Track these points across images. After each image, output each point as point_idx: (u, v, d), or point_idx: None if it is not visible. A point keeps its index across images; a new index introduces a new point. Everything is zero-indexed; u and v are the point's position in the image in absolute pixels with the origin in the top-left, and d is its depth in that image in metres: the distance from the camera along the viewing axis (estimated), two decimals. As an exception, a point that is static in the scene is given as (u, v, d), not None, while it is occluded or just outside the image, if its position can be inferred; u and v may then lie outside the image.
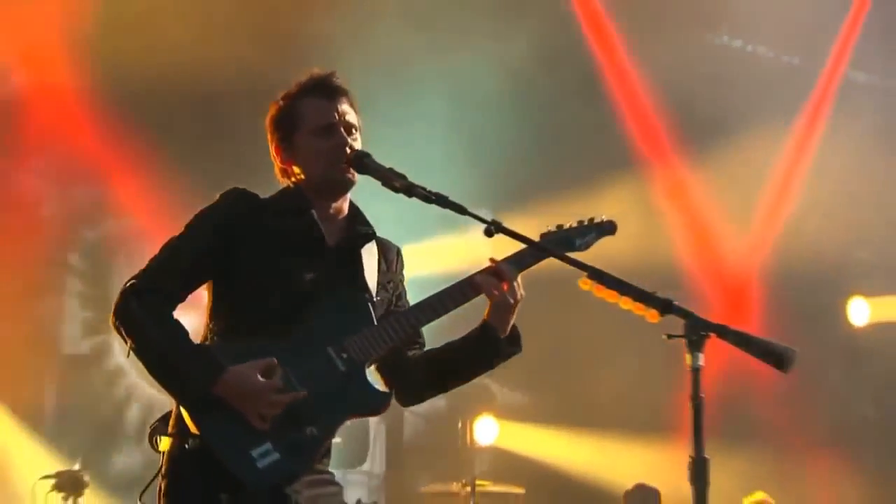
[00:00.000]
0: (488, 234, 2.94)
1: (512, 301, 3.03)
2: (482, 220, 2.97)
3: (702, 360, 2.71)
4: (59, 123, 7.83)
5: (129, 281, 3.03)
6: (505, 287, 3.01)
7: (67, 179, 8.39)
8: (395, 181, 3.01)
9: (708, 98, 9.06)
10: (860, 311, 9.72)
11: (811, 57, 10.08)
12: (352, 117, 3.20)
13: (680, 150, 9.95)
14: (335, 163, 3.08)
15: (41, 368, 8.62)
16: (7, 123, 7.87)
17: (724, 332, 2.63)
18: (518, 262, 3.10)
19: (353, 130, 3.17)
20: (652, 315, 2.78)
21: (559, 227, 3.28)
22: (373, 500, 7.87)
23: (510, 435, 9.74)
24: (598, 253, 3.39)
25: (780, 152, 10.03)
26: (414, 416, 10.34)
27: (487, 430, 9.38)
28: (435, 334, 3.52)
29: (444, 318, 3.23)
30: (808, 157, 9.76)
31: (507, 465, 9.62)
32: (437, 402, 9.88)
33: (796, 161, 9.80)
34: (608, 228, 3.40)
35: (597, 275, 2.87)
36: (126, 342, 3.00)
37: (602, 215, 3.45)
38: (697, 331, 2.69)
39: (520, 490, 8.83)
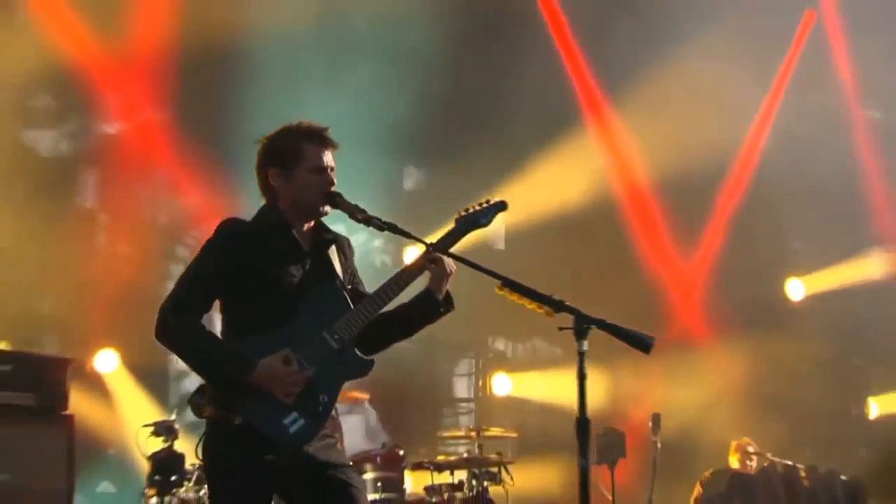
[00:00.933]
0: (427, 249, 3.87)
1: (445, 272, 3.79)
2: (421, 242, 3.81)
3: (585, 346, 3.37)
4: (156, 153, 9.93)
5: (163, 303, 3.67)
6: (437, 263, 3.77)
7: (173, 194, 10.33)
8: (357, 214, 3.73)
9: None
10: (796, 289, 11.66)
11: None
12: (331, 159, 3.91)
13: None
14: (320, 197, 3.74)
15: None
16: (129, 153, 9.93)
17: (601, 325, 3.30)
18: (443, 245, 3.83)
19: (333, 175, 3.87)
20: (548, 312, 3.45)
21: (467, 209, 3.96)
22: (395, 442, 8.53)
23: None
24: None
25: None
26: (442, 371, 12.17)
27: (502, 384, 11.26)
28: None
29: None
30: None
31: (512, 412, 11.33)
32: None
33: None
34: (502, 206, 4.05)
35: (508, 283, 3.57)
36: (170, 350, 3.71)
37: (495, 198, 4.11)
38: (582, 324, 3.34)
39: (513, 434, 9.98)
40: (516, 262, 10.31)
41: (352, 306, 3.70)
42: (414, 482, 8.41)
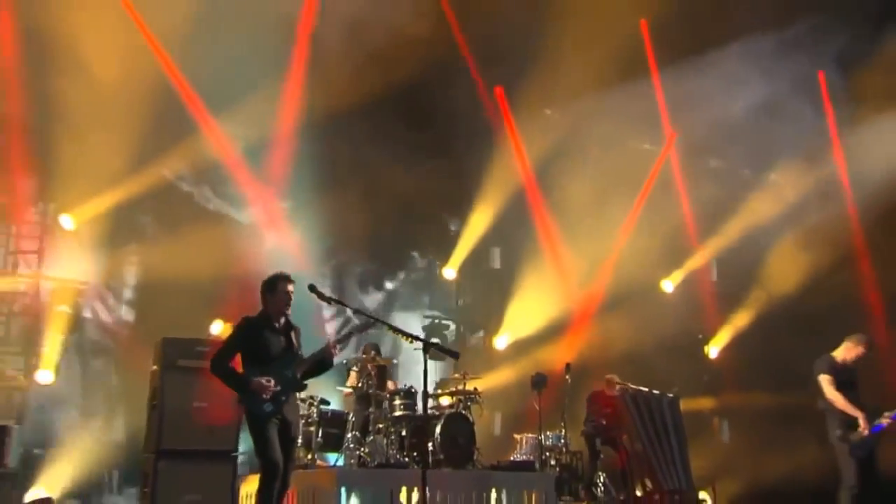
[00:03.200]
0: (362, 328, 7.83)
1: (336, 353, 7.40)
2: (373, 319, 7.85)
3: (427, 362, 7.28)
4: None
5: (214, 354, 7.20)
6: (335, 350, 7.36)
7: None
8: (328, 298, 7.55)
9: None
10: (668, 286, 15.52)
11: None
12: (292, 288, 7.25)
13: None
14: (285, 307, 7.23)
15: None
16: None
17: (435, 346, 7.50)
18: (339, 341, 7.52)
19: (292, 295, 7.23)
20: (417, 345, 7.37)
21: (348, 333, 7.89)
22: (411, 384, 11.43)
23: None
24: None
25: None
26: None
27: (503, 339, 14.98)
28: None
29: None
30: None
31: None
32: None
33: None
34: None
35: (393, 328, 7.79)
36: (218, 378, 7.16)
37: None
38: (425, 345, 7.33)
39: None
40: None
41: (299, 360, 7.28)
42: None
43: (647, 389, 12.24)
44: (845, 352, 9.36)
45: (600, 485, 11.70)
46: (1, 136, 11.97)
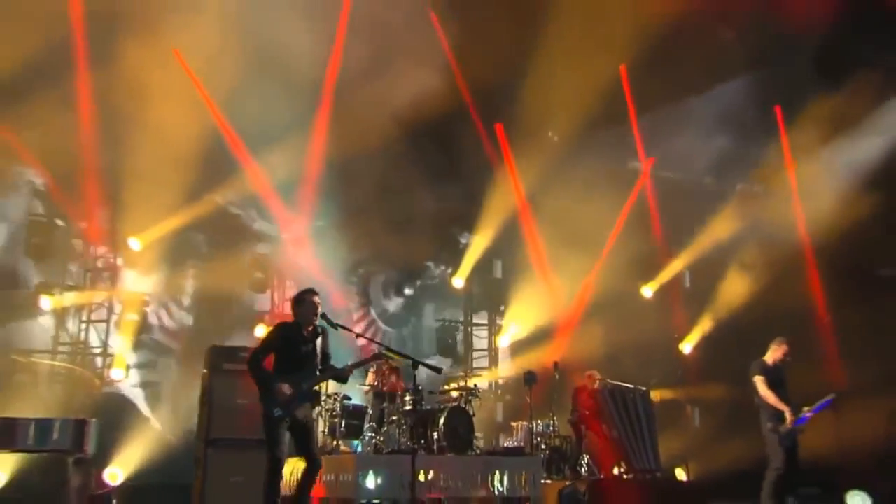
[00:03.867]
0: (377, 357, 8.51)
1: (351, 373, 7.68)
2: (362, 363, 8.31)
3: (418, 374, 8.12)
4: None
5: (252, 351, 7.35)
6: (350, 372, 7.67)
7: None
8: (335, 325, 7.37)
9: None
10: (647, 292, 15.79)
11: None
12: (318, 300, 7.33)
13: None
14: (313, 316, 7.30)
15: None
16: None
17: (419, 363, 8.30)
18: (355, 366, 7.87)
19: (318, 306, 7.28)
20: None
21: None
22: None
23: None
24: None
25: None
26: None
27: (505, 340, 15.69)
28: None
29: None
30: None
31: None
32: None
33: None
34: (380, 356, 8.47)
35: (389, 352, 8.62)
36: (251, 375, 7.18)
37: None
38: (413, 364, 7.90)
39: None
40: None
41: (317, 373, 7.44)
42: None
43: (622, 384, 12.77)
44: (772, 354, 9.61)
45: (584, 464, 12.08)
46: (80, 173, 12.42)
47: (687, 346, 15.98)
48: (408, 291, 16.40)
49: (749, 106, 14.68)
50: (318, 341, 7.46)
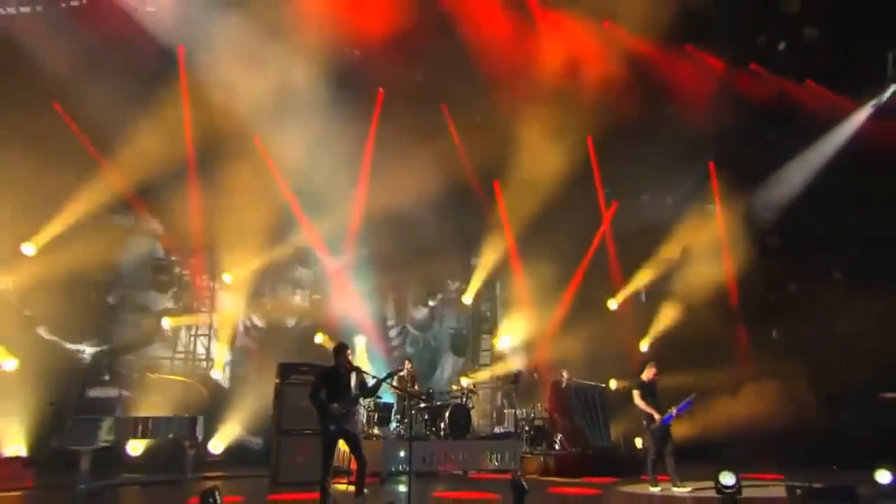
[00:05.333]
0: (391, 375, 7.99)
1: (379, 388, 7.78)
2: (383, 380, 7.64)
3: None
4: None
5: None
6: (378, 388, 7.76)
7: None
8: (359, 370, 7.60)
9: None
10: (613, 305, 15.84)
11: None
12: (349, 353, 7.62)
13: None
14: (346, 363, 7.53)
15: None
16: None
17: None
18: (381, 382, 7.61)
19: (350, 357, 7.59)
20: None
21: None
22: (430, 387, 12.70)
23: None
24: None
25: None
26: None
27: (504, 342, 15.73)
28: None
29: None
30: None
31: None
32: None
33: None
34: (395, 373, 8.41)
35: (388, 379, 8.00)
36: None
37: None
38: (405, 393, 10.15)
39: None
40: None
41: (352, 397, 7.62)
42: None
43: (585, 382, 13.26)
44: (646, 374, 10.28)
45: (557, 442, 12.71)
46: (189, 229, 13.21)
47: (644, 345, 15.86)
48: (431, 303, 16.88)
49: (689, 165, 15.17)
50: (354, 375, 7.81)
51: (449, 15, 12.35)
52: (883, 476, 9.05)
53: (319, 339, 14.15)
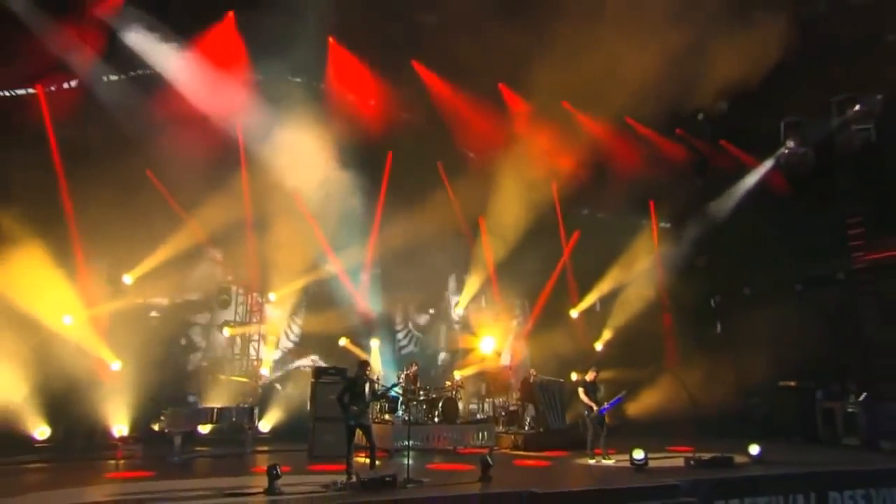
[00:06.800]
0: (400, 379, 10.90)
1: (387, 394, 10.38)
2: (388, 390, 10.02)
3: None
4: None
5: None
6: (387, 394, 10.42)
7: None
8: (373, 382, 8.91)
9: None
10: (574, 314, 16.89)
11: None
12: (368, 370, 8.76)
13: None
14: (364, 375, 8.74)
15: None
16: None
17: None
18: (389, 390, 10.13)
19: (367, 372, 8.77)
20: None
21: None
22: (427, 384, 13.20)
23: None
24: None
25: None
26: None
27: (488, 345, 15.81)
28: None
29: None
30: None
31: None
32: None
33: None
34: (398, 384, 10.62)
35: (391, 389, 10.51)
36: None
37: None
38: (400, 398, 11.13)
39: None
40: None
41: (366, 400, 8.57)
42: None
43: (549, 378, 14.14)
44: (589, 375, 11.12)
45: (527, 424, 13.73)
46: (244, 256, 14.46)
47: (599, 345, 16.89)
48: (431, 311, 17.56)
49: (633, 204, 16.60)
50: (367, 385, 9.04)
51: (442, 105, 13.87)
52: (754, 449, 10.67)
53: (343, 342, 15.33)
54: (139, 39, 11.75)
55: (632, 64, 11.41)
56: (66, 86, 11.59)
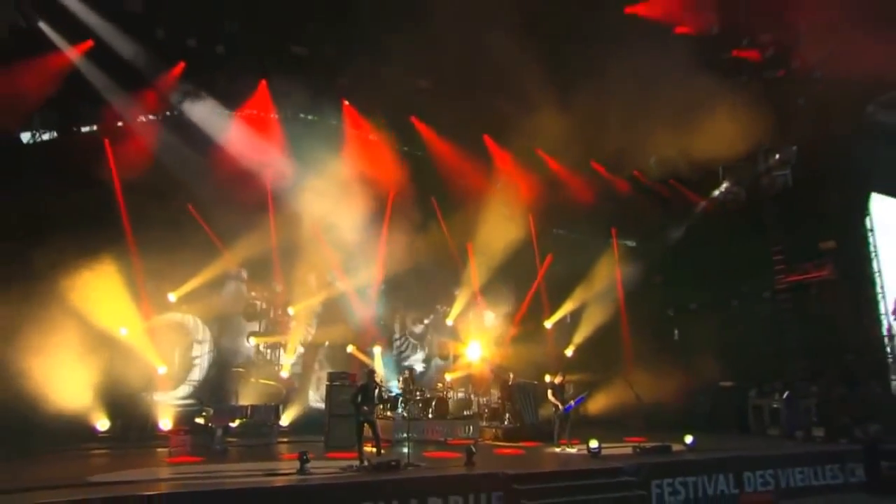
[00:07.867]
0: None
1: (391, 398, 11.36)
2: (392, 396, 11.44)
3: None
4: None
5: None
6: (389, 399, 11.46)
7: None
8: (379, 386, 9.43)
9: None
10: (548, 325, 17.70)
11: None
12: (376, 377, 9.60)
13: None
14: (372, 381, 9.40)
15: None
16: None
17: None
18: (390, 398, 11.36)
19: (374, 378, 9.39)
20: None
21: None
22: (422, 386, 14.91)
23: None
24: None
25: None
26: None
27: (474, 351, 16.53)
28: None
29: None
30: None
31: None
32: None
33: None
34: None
35: (392, 396, 11.56)
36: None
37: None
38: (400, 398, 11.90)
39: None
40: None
41: (373, 402, 9.25)
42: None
43: (525, 380, 14.69)
44: (557, 379, 11.76)
45: (507, 419, 14.32)
46: (268, 275, 15.14)
47: (569, 351, 17.56)
48: (426, 321, 17.96)
49: (597, 231, 17.72)
50: (376, 389, 9.80)
51: (436, 151, 15.08)
52: (688, 438, 11.59)
53: (350, 349, 16.18)
54: (189, 106, 13.11)
55: (596, 122, 12.65)
56: (129, 139, 12.83)
